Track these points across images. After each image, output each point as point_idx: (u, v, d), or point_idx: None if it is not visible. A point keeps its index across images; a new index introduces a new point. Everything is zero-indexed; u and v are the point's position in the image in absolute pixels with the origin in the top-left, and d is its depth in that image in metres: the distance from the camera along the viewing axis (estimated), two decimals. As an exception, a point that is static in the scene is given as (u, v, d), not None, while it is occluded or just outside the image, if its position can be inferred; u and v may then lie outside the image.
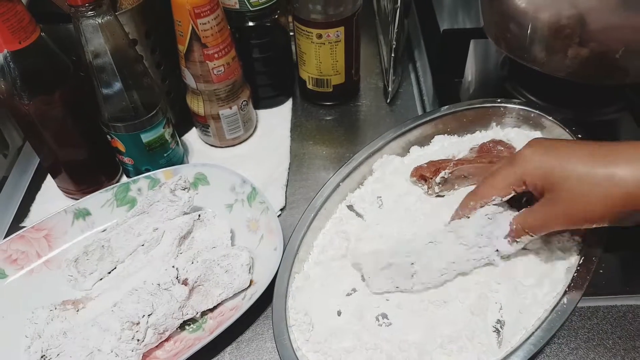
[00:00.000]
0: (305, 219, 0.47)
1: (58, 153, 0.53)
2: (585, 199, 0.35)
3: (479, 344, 0.38)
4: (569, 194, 0.35)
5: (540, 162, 0.37)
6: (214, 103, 0.57)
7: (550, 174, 0.36)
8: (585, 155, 0.35)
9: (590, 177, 0.34)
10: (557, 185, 0.36)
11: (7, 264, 0.48)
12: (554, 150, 0.37)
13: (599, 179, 0.34)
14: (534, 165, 0.37)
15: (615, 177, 0.34)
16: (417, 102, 0.66)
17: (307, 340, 0.40)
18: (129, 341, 0.41)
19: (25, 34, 0.44)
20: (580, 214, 0.36)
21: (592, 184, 0.34)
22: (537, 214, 0.38)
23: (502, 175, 0.39)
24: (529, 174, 0.37)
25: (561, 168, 0.36)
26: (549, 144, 0.38)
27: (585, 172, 0.35)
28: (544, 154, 0.37)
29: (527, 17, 0.49)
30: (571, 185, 0.35)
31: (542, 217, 0.37)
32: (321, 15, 0.56)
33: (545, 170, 0.36)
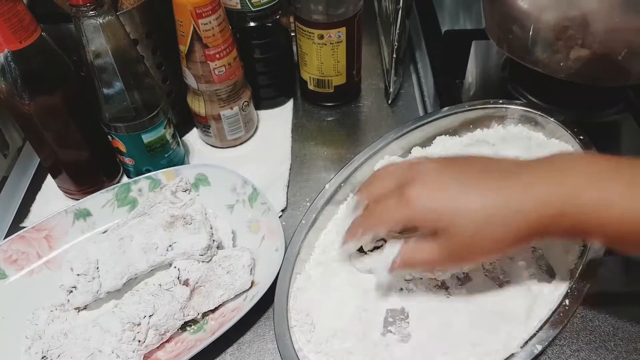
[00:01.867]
0: (307, 220, 0.47)
1: (58, 153, 0.53)
2: (474, 238, 0.34)
3: (481, 347, 0.38)
4: (459, 234, 0.34)
5: (430, 207, 0.35)
6: (215, 103, 0.57)
7: (441, 214, 0.35)
8: (475, 190, 0.34)
9: (479, 216, 0.34)
10: (448, 226, 0.34)
11: (8, 265, 0.48)
12: (443, 189, 0.35)
13: (488, 215, 0.33)
14: (424, 210, 0.35)
15: (504, 214, 0.33)
16: (419, 103, 0.66)
17: (308, 341, 0.40)
18: (130, 342, 0.41)
19: (26, 34, 0.44)
20: (470, 252, 0.35)
21: (480, 224, 0.34)
22: (427, 250, 0.36)
23: (391, 211, 0.37)
24: (420, 216, 0.36)
25: (451, 209, 0.34)
26: (439, 183, 0.36)
27: (474, 211, 0.34)
28: (433, 196, 0.35)
29: (530, 19, 0.49)
30: (461, 226, 0.34)
31: (432, 253, 0.36)
32: (323, 16, 0.56)
33: (437, 214, 0.35)
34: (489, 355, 0.37)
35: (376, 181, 0.40)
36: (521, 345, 0.36)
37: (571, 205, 0.32)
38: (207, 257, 0.45)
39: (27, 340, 0.43)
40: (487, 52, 0.66)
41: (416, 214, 0.36)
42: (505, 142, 0.51)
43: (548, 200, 0.33)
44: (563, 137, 0.49)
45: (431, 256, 0.36)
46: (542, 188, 0.33)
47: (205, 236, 0.45)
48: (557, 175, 0.33)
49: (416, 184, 0.36)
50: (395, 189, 0.37)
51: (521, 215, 0.33)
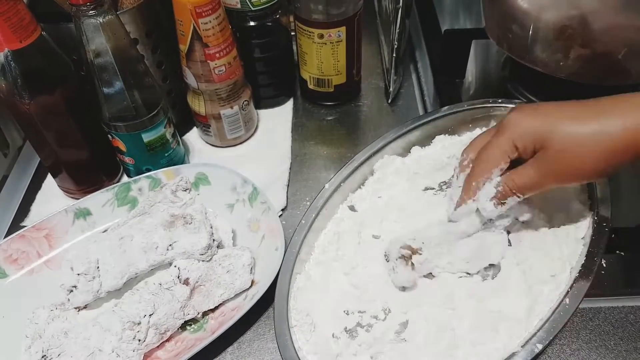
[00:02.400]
0: (307, 220, 0.47)
1: (59, 152, 0.53)
2: (575, 154, 0.35)
3: (482, 346, 0.38)
4: (559, 151, 0.36)
5: (529, 124, 0.37)
6: (215, 103, 0.57)
7: (540, 133, 0.36)
8: (573, 113, 0.36)
9: (580, 133, 0.35)
10: (547, 144, 0.36)
11: (8, 264, 0.48)
12: (541, 111, 0.37)
13: (588, 133, 0.35)
14: (523, 127, 0.37)
15: (604, 130, 0.34)
16: (419, 102, 0.66)
17: (308, 340, 0.40)
18: (130, 341, 0.41)
19: (26, 33, 0.44)
20: (570, 170, 0.36)
21: (582, 139, 0.35)
22: (526, 172, 0.37)
23: (494, 146, 0.39)
24: (520, 138, 0.37)
25: (550, 127, 0.36)
26: (535, 106, 0.38)
27: (574, 128, 0.35)
28: (531, 116, 0.37)
29: (529, 18, 0.49)
30: (561, 142, 0.35)
31: (532, 175, 0.37)
32: (323, 15, 0.56)
33: (535, 131, 0.36)
34: (489, 354, 0.37)
35: (476, 139, 0.42)
36: (522, 344, 0.36)
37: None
38: (207, 256, 0.45)
39: (27, 340, 0.43)
40: (487, 52, 0.66)
41: (516, 135, 0.37)
42: None
43: (636, 127, 0.34)
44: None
45: (531, 177, 0.37)
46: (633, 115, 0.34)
47: (205, 235, 0.45)
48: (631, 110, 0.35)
49: (511, 112, 0.38)
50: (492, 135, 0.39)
51: (608, 140, 0.34)
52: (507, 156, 0.38)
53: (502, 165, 0.39)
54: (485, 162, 0.39)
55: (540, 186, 0.38)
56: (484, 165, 0.39)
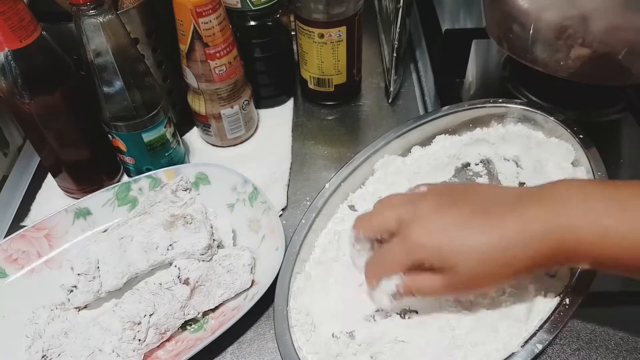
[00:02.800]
0: (307, 219, 0.47)
1: (59, 152, 0.52)
2: (483, 273, 0.35)
3: (482, 346, 0.37)
4: (467, 271, 0.35)
5: (432, 248, 0.36)
6: (215, 102, 0.57)
7: (445, 256, 0.35)
8: (478, 226, 0.35)
9: (487, 252, 0.34)
10: (454, 265, 0.35)
11: (8, 264, 0.48)
12: (443, 228, 0.36)
13: (495, 251, 0.34)
14: (426, 252, 0.36)
15: (509, 249, 0.34)
16: (419, 102, 0.66)
17: (308, 340, 0.40)
18: (130, 341, 0.41)
19: (26, 33, 0.44)
20: (479, 283, 0.36)
21: (487, 261, 0.34)
22: (432, 283, 0.37)
23: (393, 258, 0.38)
24: (422, 260, 0.36)
25: (456, 250, 0.35)
26: (436, 219, 0.36)
27: (480, 248, 0.35)
28: (434, 237, 0.36)
29: (530, 17, 0.49)
30: (469, 263, 0.35)
31: (438, 286, 0.36)
32: (323, 15, 0.56)
33: (440, 254, 0.35)
34: (489, 354, 0.37)
35: (376, 216, 0.40)
36: (522, 344, 0.36)
37: (569, 236, 0.33)
38: (208, 256, 0.45)
39: (27, 339, 0.43)
40: (488, 51, 0.66)
41: (421, 255, 0.36)
42: (505, 141, 0.51)
43: (546, 235, 0.33)
44: (563, 136, 0.49)
45: (435, 287, 0.37)
46: (539, 223, 0.34)
47: (205, 236, 0.45)
48: (552, 207, 0.34)
49: (416, 226, 0.36)
50: (396, 226, 0.38)
51: (520, 250, 0.34)
52: (404, 268, 0.37)
53: (399, 271, 0.38)
54: (386, 265, 0.38)
55: (443, 295, 0.39)
56: (385, 268, 0.38)
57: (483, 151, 0.51)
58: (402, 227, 0.37)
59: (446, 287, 0.36)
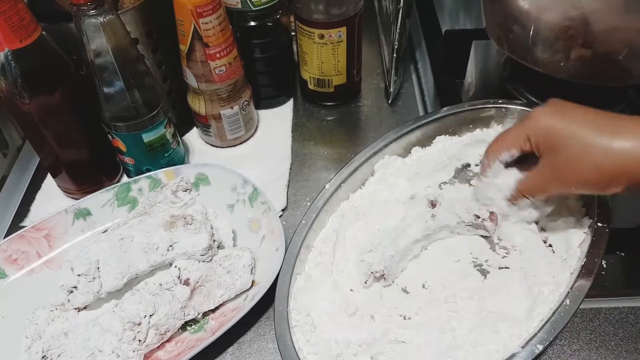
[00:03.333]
0: (307, 220, 0.47)
1: (58, 152, 0.52)
2: (579, 164, 0.36)
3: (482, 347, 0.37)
4: (566, 157, 0.37)
5: (545, 123, 0.38)
6: (215, 103, 0.56)
7: (553, 135, 0.37)
8: (590, 122, 0.37)
9: (589, 144, 0.36)
10: (556, 147, 0.37)
11: (7, 264, 0.48)
12: (561, 113, 0.38)
13: (597, 146, 0.35)
14: (540, 125, 0.38)
15: (611, 148, 0.35)
16: (419, 102, 0.66)
17: (308, 341, 0.40)
18: (130, 342, 0.41)
19: (27, 33, 0.44)
20: (573, 177, 0.37)
21: (589, 151, 0.36)
22: (535, 176, 0.40)
23: (510, 132, 0.41)
24: (534, 133, 0.39)
25: (564, 131, 0.37)
26: (560, 107, 0.39)
27: (586, 139, 0.36)
28: (551, 116, 0.38)
29: (530, 18, 0.49)
30: (569, 149, 0.36)
31: (540, 179, 0.39)
32: (323, 16, 0.56)
33: (549, 131, 0.38)
34: (489, 355, 0.37)
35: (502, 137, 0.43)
36: (522, 345, 0.36)
37: None
38: (208, 257, 0.45)
39: (27, 340, 0.43)
40: (487, 52, 0.66)
41: (531, 128, 0.39)
42: None
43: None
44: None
45: (542, 178, 0.39)
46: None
47: (205, 236, 0.45)
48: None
49: (540, 107, 0.39)
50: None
51: (623, 155, 0.35)
52: (518, 145, 0.40)
53: (513, 151, 0.41)
54: (499, 142, 0.42)
55: (547, 189, 0.40)
56: (496, 146, 0.42)
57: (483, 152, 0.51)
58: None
59: (547, 173, 0.38)
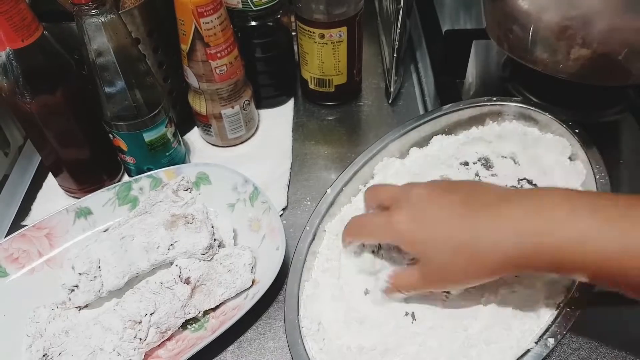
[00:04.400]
0: (311, 226, 0.46)
1: (60, 152, 0.53)
2: (453, 268, 0.36)
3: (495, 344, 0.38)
4: (438, 264, 0.37)
5: (406, 235, 0.38)
6: (216, 102, 0.57)
7: (417, 245, 0.38)
8: (447, 221, 0.36)
9: (455, 246, 0.36)
10: (424, 256, 0.37)
11: (9, 263, 0.48)
12: (419, 219, 0.38)
13: (465, 245, 0.35)
14: (401, 237, 0.38)
15: (478, 243, 0.35)
16: (419, 102, 0.66)
17: (321, 349, 0.40)
18: (131, 340, 0.41)
19: (28, 32, 0.44)
20: (451, 280, 0.37)
21: (458, 252, 0.35)
22: (409, 278, 0.39)
23: (377, 233, 0.41)
24: (402, 243, 0.39)
25: (426, 239, 0.37)
26: (417, 210, 0.38)
27: (451, 241, 0.36)
28: (408, 224, 0.38)
29: (530, 18, 0.49)
30: (437, 256, 0.37)
31: (414, 282, 0.39)
32: (324, 15, 0.56)
33: (412, 243, 0.38)
34: (503, 352, 0.37)
35: (378, 190, 0.44)
36: (535, 340, 0.36)
37: (548, 240, 0.33)
38: (209, 256, 0.45)
39: (28, 338, 0.43)
40: (488, 52, 0.67)
41: (396, 240, 0.39)
42: (502, 139, 0.51)
43: (524, 235, 0.33)
44: (558, 131, 0.49)
45: (412, 280, 0.39)
46: (519, 223, 0.34)
47: (206, 235, 0.45)
48: (535, 209, 0.34)
49: (402, 210, 0.39)
50: (389, 202, 0.40)
51: (495, 248, 0.34)
52: (379, 241, 0.42)
53: (373, 242, 0.43)
54: (365, 231, 0.42)
55: (422, 288, 0.39)
56: (363, 233, 0.42)
57: (480, 150, 0.51)
58: (393, 206, 0.39)
59: (420, 278, 0.38)
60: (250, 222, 0.51)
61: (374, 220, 0.41)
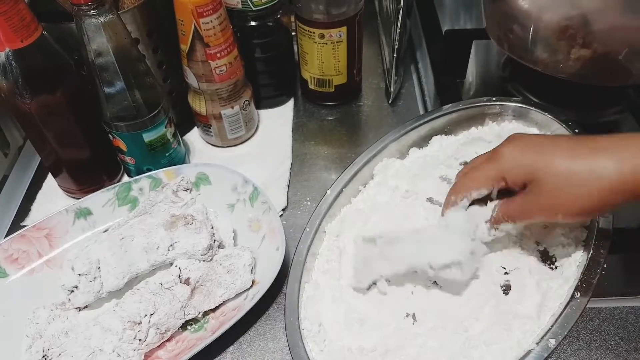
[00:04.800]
0: (311, 227, 0.46)
1: (59, 152, 0.52)
2: (564, 194, 0.35)
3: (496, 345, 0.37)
4: (548, 190, 0.36)
5: (520, 160, 0.37)
6: (215, 103, 0.57)
7: (531, 170, 0.36)
8: (564, 150, 0.36)
9: (570, 173, 0.35)
10: (538, 181, 0.36)
11: (8, 263, 0.48)
12: (533, 147, 0.37)
13: (582, 173, 0.34)
14: (514, 163, 0.37)
15: (598, 172, 0.34)
16: (419, 102, 0.66)
17: (321, 350, 0.40)
18: (130, 341, 0.41)
19: (27, 33, 0.44)
20: (559, 209, 0.36)
21: (572, 179, 0.35)
22: (519, 203, 0.38)
23: (481, 170, 0.40)
24: (509, 172, 0.38)
25: (542, 164, 0.36)
26: (528, 140, 0.38)
27: (567, 166, 0.35)
28: (523, 151, 0.37)
29: (530, 18, 0.49)
30: (553, 180, 0.35)
31: (524, 207, 0.38)
32: (324, 15, 0.56)
33: (526, 168, 0.37)
34: (504, 353, 0.37)
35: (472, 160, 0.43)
36: (536, 341, 0.36)
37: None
38: (209, 256, 0.45)
39: (27, 339, 0.43)
40: (488, 52, 0.67)
41: (505, 168, 0.38)
42: (501, 138, 0.50)
43: (634, 169, 0.33)
44: (557, 131, 0.49)
45: (523, 209, 0.38)
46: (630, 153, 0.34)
47: (206, 236, 0.45)
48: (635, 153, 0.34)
49: (506, 143, 0.38)
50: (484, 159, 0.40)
51: (604, 179, 0.34)
52: (491, 184, 0.39)
53: (483, 190, 0.40)
54: (469, 180, 0.40)
55: (531, 217, 0.38)
56: (467, 185, 0.40)
57: (480, 150, 0.51)
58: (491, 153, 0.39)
59: (531, 207, 0.37)
60: (250, 222, 0.51)
61: (480, 166, 0.40)
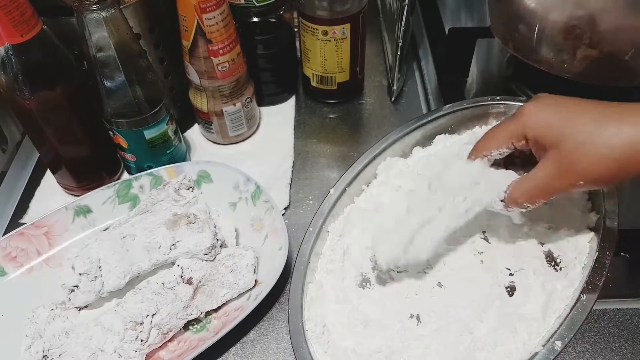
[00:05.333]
0: (314, 227, 0.46)
1: (59, 149, 0.52)
2: (586, 155, 0.34)
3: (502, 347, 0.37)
4: (570, 150, 0.34)
5: (544, 117, 0.36)
6: (217, 99, 0.56)
7: (554, 129, 0.35)
8: (591, 113, 0.34)
9: (594, 135, 0.33)
10: (560, 141, 0.34)
11: (7, 262, 0.47)
12: (559, 107, 0.36)
13: (603, 136, 0.33)
14: (538, 120, 0.36)
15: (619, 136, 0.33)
16: (422, 101, 0.66)
17: (325, 352, 0.40)
18: (132, 341, 0.41)
19: (28, 27, 0.43)
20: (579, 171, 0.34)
21: (595, 141, 0.33)
22: (534, 176, 0.36)
23: (502, 128, 0.38)
24: (532, 129, 0.36)
25: (566, 124, 0.34)
26: (555, 100, 0.36)
27: (590, 130, 0.33)
28: (548, 110, 0.36)
29: (536, 17, 0.48)
30: (573, 142, 0.34)
31: (541, 177, 0.36)
32: (327, 12, 0.56)
33: (551, 128, 0.35)
34: (510, 355, 0.36)
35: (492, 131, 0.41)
36: (542, 343, 0.36)
37: None
38: (211, 256, 0.45)
39: (27, 339, 0.43)
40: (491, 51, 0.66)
41: (528, 124, 0.36)
42: None
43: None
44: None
45: (539, 179, 0.36)
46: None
47: (209, 235, 0.45)
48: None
49: (532, 100, 0.37)
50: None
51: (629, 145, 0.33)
52: (511, 141, 0.38)
53: (504, 149, 0.38)
54: (490, 139, 0.39)
55: (550, 190, 0.36)
56: (487, 143, 0.39)
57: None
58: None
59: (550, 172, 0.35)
60: (252, 221, 0.50)
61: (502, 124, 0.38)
